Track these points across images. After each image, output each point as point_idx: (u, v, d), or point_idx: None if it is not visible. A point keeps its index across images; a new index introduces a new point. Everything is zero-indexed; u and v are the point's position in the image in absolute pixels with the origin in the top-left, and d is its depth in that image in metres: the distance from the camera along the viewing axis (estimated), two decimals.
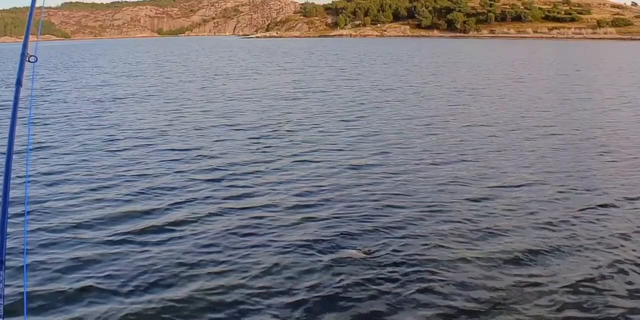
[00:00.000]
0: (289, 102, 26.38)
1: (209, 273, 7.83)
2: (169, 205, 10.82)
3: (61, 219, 10.08)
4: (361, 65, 51.91)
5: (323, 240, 8.94)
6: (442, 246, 8.69)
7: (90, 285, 7.46)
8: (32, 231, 9.39)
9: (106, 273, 7.84)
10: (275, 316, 6.69)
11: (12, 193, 11.19)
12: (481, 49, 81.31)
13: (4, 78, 42.05)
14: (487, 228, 9.45)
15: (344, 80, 36.43)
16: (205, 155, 15.15)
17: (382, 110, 23.55)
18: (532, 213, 10.24)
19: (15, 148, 3.65)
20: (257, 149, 15.99)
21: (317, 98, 27.59)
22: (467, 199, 11.07)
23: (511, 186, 11.99)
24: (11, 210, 10.09)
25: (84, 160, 14.63)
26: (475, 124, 20.22)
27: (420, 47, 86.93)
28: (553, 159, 14.58)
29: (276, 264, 8.06)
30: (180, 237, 9.18)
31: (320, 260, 8.17)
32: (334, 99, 27.36)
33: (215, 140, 17.28)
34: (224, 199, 11.25)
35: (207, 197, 11.33)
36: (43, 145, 16.53)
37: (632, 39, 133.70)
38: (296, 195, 11.47)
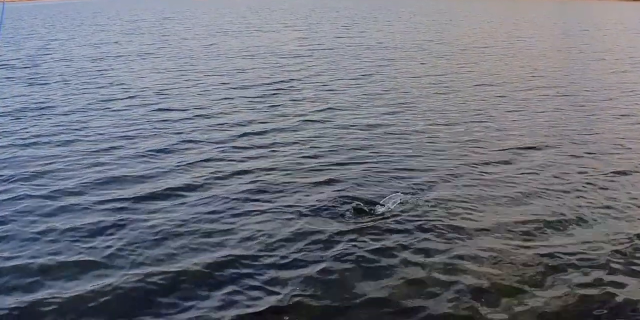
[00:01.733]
0: (293, 59, 25.82)
1: (214, 242, 7.52)
2: (170, 168, 10.50)
3: (58, 183, 9.74)
4: (364, 23, 50.95)
5: (333, 205, 8.65)
6: (460, 213, 8.42)
7: (86, 258, 7.09)
8: (26, 197, 9.04)
9: (105, 243, 7.49)
10: (282, 285, 6.45)
11: (6, 155, 10.92)
12: (480, 8, 79.82)
13: None
14: (505, 194, 9.16)
15: (348, 38, 35.73)
16: (208, 116, 14.83)
17: (388, 69, 23.07)
18: (549, 178, 9.97)
19: (13, 107, 3.34)
20: (261, 109, 15.65)
21: (321, 56, 27.02)
22: (482, 162, 10.81)
23: (525, 149, 11.71)
24: (4, 173, 10.11)
25: (83, 121, 14.28)
26: (483, 83, 19.83)
27: (418, 5, 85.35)
28: (566, 121, 14.28)
29: (283, 231, 7.78)
30: (183, 203, 8.83)
31: (331, 226, 7.91)
32: (338, 56, 26.77)
33: (218, 100, 16.90)
34: (230, 161, 10.95)
35: (211, 160, 11.04)
36: (42, 105, 16.13)
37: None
38: (304, 157, 11.18)
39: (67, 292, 6.34)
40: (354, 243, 7.38)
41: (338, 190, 9.26)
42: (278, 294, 6.27)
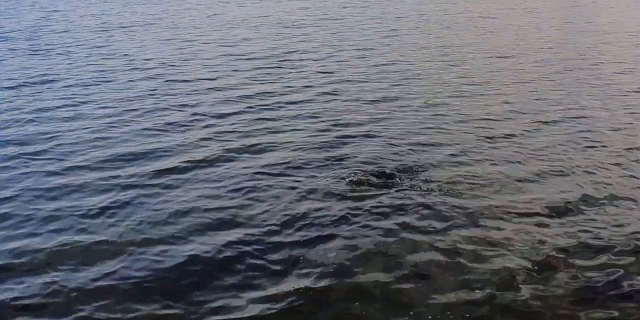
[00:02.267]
0: (299, 30, 25.29)
1: (223, 220, 7.41)
2: (176, 143, 10.33)
3: (62, 160, 9.60)
4: None
5: (343, 180, 8.56)
6: (469, 190, 8.30)
7: (91, 238, 6.96)
8: (29, 174, 8.92)
9: (110, 221, 7.38)
10: (292, 264, 6.40)
11: (8, 130, 10.81)
12: None
13: None
14: (515, 171, 9.02)
15: (352, 8, 35.17)
16: (213, 88, 14.56)
17: (397, 40, 22.59)
18: (561, 154, 9.83)
19: (16, 80, 3.20)
20: (266, 81, 15.40)
21: (327, 26, 26.49)
22: (492, 137, 10.64)
23: (537, 123, 11.53)
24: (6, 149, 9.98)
25: (86, 94, 14.04)
26: (492, 55, 19.43)
27: None
28: (580, 96, 13.97)
29: (292, 208, 7.68)
30: (190, 180, 8.69)
31: (341, 202, 7.82)
32: (345, 27, 26.31)
33: (223, 72, 16.61)
34: (239, 136, 10.76)
35: (218, 134, 10.87)
36: (45, 78, 15.80)
37: None
38: (312, 131, 11.01)
39: (71, 272, 6.25)
40: (366, 219, 7.30)
41: (347, 165, 9.12)
42: (288, 273, 6.19)
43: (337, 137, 10.60)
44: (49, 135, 10.69)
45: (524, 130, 11.03)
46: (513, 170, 9.07)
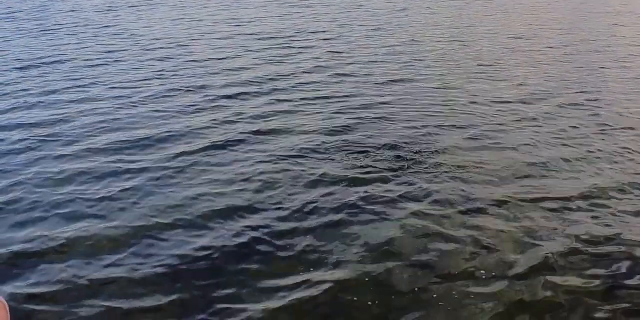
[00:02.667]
0: (308, 9, 24.99)
1: (236, 207, 7.26)
2: (186, 128, 10.14)
3: (67, 139, 9.52)
4: None
5: (353, 157, 8.60)
6: (472, 165, 8.32)
7: (105, 225, 6.83)
8: (38, 159, 8.80)
9: (123, 209, 7.22)
10: (293, 237, 6.45)
11: (14, 109, 10.66)
12: None
13: None
14: (539, 162, 8.72)
15: None
16: (221, 68, 14.40)
17: (407, 19, 22.37)
18: (584, 140, 9.63)
19: (21, 60, 3.08)
20: (275, 61, 15.26)
21: (336, 6, 26.20)
22: (513, 120, 10.54)
23: (555, 106, 11.39)
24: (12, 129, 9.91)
25: (91, 74, 13.87)
26: (499, 35, 19.27)
27: None
28: (595, 79, 13.77)
29: (305, 193, 7.58)
30: (202, 165, 8.54)
31: (355, 188, 7.70)
32: (354, 6, 25.96)
33: (231, 52, 16.39)
34: (250, 119, 10.58)
35: (230, 116, 10.71)
36: (50, 58, 15.60)
37: None
38: (327, 113, 10.86)
39: (81, 259, 6.17)
40: (378, 206, 7.21)
41: (358, 150, 9.02)
42: (298, 261, 6.12)
43: (347, 121, 10.45)
44: (57, 118, 10.52)
45: (539, 114, 10.88)
46: (528, 155, 8.91)
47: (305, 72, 14.01)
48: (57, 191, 7.59)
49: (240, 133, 9.75)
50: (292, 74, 13.88)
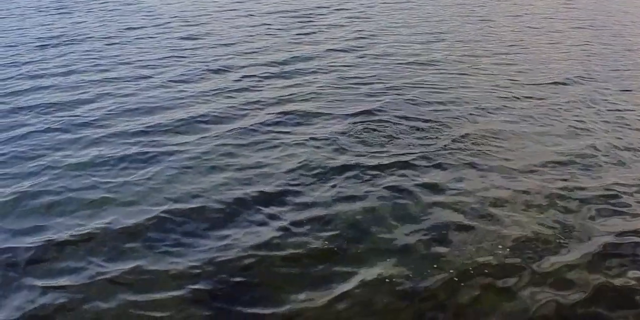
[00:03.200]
0: None
1: (240, 176, 7.34)
2: (196, 98, 10.38)
3: (81, 114, 9.72)
4: None
5: (365, 137, 8.57)
6: (491, 148, 8.25)
7: (105, 194, 6.94)
8: (48, 130, 9.04)
9: (126, 177, 7.35)
10: (309, 223, 6.35)
11: (29, 85, 10.33)
12: None
13: None
14: (538, 131, 8.94)
15: None
16: (235, 44, 14.58)
17: None
18: (583, 114, 9.72)
19: (37, 37, 3.21)
20: (290, 36, 15.41)
21: None
22: (516, 97, 10.58)
23: (560, 84, 11.44)
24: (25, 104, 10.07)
25: (107, 50, 14.15)
26: (517, 13, 19.20)
27: None
28: (601, 56, 13.83)
29: (312, 164, 7.66)
30: (208, 135, 8.68)
31: (362, 158, 7.83)
32: None
33: (245, 27, 16.58)
34: (258, 91, 10.77)
35: (240, 89, 10.89)
36: (66, 35, 15.92)
37: None
38: (335, 87, 11.00)
39: (82, 228, 6.25)
40: (387, 179, 7.28)
41: (368, 123, 9.11)
42: (302, 234, 6.16)
43: (357, 94, 10.57)
44: (78, 100, 10.55)
45: (548, 90, 10.98)
46: (536, 130, 9.02)
47: (321, 48, 14.07)
48: (79, 177, 7.51)
49: (267, 115, 9.60)
50: (307, 49, 13.96)
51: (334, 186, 7.14)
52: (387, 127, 8.97)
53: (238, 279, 5.51)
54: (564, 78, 11.80)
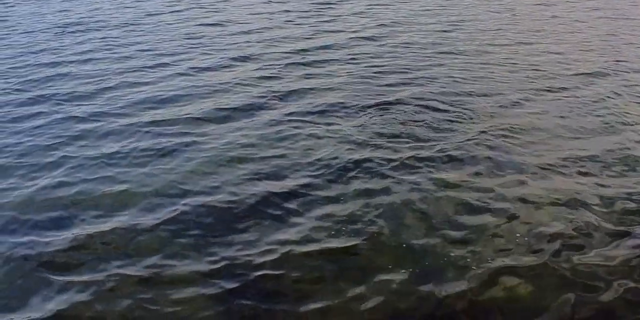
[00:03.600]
0: None
1: (267, 170, 7.23)
2: (220, 88, 10.23)
3: (103, 104, 9.60)
4: None
5: (389, 129, 8.42)
6: (516, 144, 7.99)
7: (131, 187, 6.83)
8: (69, 119, 8.93)
9: (152, 169, 7.25)
10: (338, 216, 6.25)
11: (48, 73, 10.35)
12: None
13: None
14: (564, 125, 8.69)
15: None
16: (257, 31, 14.47)
17: None
18: (610, 108, 9.46)
19: (56, 23, 3.10)
20: (311, 24, 15.31)
21: None
22: (548, 88, 10.32)
23: (586, 76, 11.13)
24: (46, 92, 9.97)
25: (127, 37, 14.10)
26: (539, 2, 18.88)
27: None
28: (626, 47, 13.49)
29: (338, 157, 7.51)
30: (234, 126, 8.55)
31: (386, 151, 7.67)
32: None
33: (267, 15, 16.44)
34: (281, 80, 10.64)
35: (262, 78, 10.77)
36: (85, 21, 15.88)
37: None
38: (357, 77, 10.82)
39: (98, 222, 6.17)
40: (404, 173, 7.11)
41: (388, 114, 8.96)
42: (316, 228, 6.06)
43: (379, 85, 10.41)
44: (98, 88, 10.47)
45: (575, 82, 10.72)
46: (563, 124, 8.76)
47: (336, 35, 13.97)
48: (98, 169, 7.40)
49: (288, 105, 9.46)
50: (321, 36, 13.90)
51: (355, 181, 6.98)
52: (410, 119, 8.77)
53: (257, 275, 5.41)
54: (591, 69, 11.52)
